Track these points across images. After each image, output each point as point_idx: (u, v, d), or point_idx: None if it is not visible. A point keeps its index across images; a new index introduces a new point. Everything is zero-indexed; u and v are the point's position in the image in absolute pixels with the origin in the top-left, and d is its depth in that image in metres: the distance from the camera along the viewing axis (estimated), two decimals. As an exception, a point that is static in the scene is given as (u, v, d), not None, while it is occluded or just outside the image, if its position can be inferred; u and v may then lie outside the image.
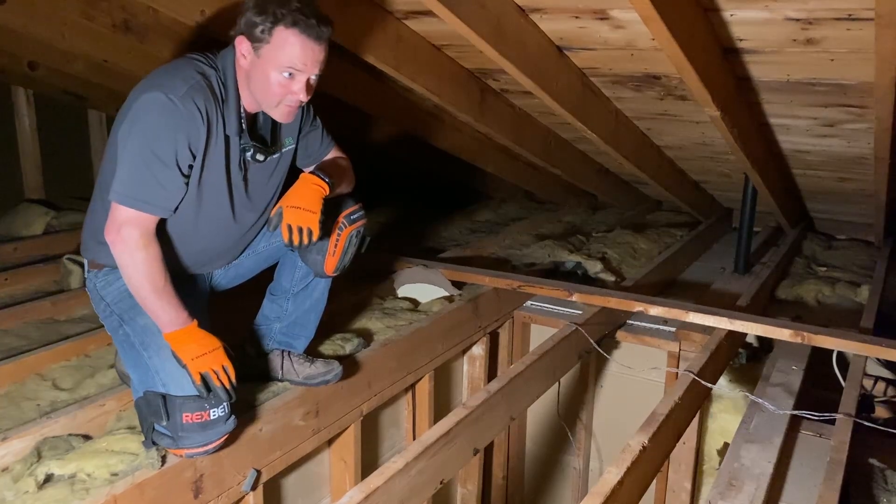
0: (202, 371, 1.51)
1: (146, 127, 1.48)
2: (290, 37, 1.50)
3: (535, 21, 2.12)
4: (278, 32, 1.50)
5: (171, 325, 1.53)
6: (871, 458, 1.85)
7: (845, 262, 3.52)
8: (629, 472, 1.56)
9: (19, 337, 2.27)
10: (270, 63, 1.52)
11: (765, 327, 2.25)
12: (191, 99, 1.49)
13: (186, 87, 1.49)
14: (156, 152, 1.48)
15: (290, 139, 1.77)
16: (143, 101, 1.49)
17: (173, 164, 1.51)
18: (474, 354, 2.84)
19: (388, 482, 1.52)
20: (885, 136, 2.31)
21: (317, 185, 1.65)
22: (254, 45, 1.52)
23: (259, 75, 1.54)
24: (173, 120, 1.48)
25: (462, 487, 2.95)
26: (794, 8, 1.74)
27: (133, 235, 1.50)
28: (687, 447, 2.58)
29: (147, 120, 1.48)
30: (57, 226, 3.55)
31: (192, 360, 1.51)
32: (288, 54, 1.51)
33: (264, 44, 1.51)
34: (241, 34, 1.53)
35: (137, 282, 1.52)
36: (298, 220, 1.61)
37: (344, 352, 2.09)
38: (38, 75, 3.43)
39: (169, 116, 1.47)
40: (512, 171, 4.06)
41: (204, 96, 1.52)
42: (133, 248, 1.50)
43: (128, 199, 1.49)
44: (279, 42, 1.50)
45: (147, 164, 1.49)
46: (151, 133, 1.48)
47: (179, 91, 1.48)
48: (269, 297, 1.94)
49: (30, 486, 1.45)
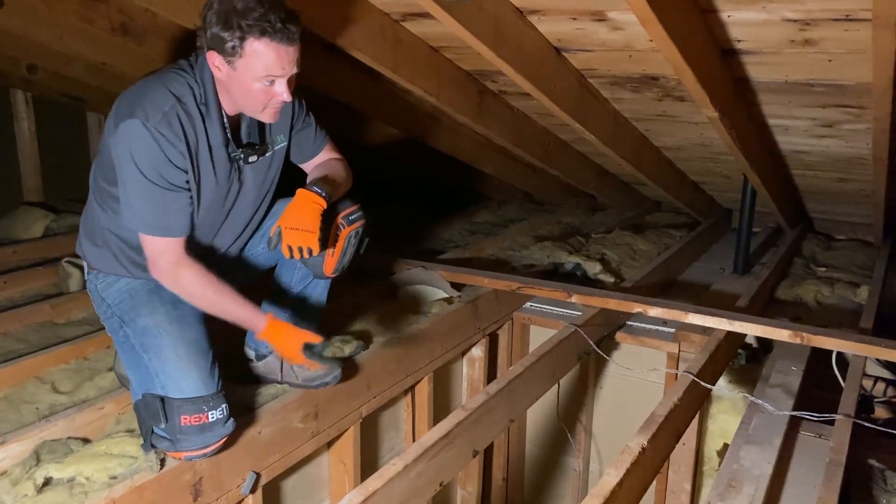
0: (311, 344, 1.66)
1: (138, 160, 1.48)
2: (261, 48, 1.46)
3: (533, 22, 2.12)
4: (249, 45, 1.46)
5: (257, 323, 1.64)
6: (871, 458, 1.84)
7: (844, 263, 3.52)
8: (628, 473, 1.55)
9: (18, 340, 2.27)
10: (248, 74, 1.50)
11: (764, 328, 2.25)
12: (166, 124, 1.49)
13: (160, 115, 1.49)
14: (153, 181, 1.50)
15: (281, 136, 1.76)
16: (124, 130, 1.48)
17: (171, 186, 1.52)
18: (474, 356, 2.84)
19: (387, 484, 1.52)
20: (884, 136, 2.30)
21: (314, 203, 1.64)
22: (226, 60, 1.49)
23: (238, 87, 1.53)
24: (156, 145, 1.48)
25: (462, 489, 2.95)
26: (791, 9, 1.74)
27: (170, 262, 1.58)
28: (687, 448, 2.58)
29: (136, 152, 1.48)
30: (56, 228, 3.54)
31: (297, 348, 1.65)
32: (263, 64, 1.48)
33: (237, 58, 1.48)
34: (211, 49, 1.49)
35: (202, 299, 1.61)
36: (298, 241, 1.62)
37: (343, 354, 2.08)
38: (36, 78, 3.43)
39: (151, 142, 1.48)
40: (511, 173, 4.06)
41: (179, 118, 1.51)
42: (176, 275, 1.58)
43: (153, 229, 1.55)
44: (252, 54, 1.47)
45: (153, 194, 1.51)
46: (145, 164, 1.49)
47: (154, 117, 1.48)
48: (268, 298, 1.94)
49: (28, 490, 1.45)
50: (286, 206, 1.66)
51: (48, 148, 3.96)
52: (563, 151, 3.52)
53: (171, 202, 1.54)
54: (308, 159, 1.87)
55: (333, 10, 1.62)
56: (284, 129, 1.76)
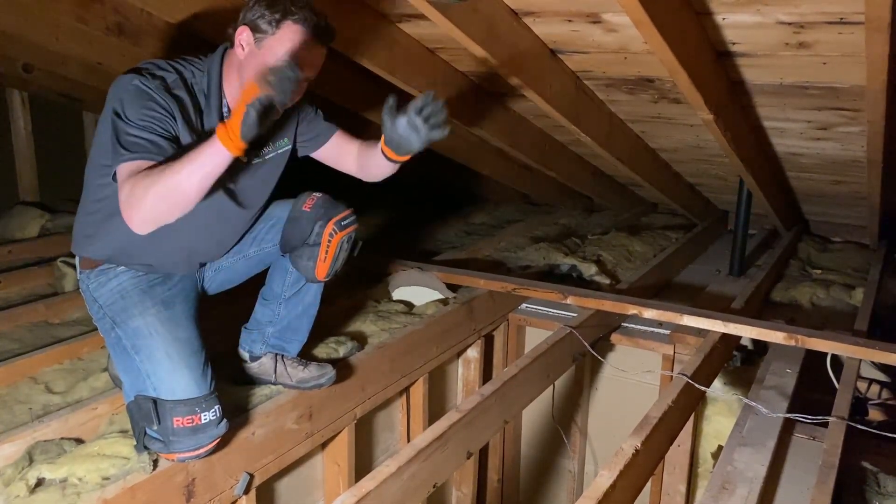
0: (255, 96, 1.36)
1: (122, 99, 1.48)
2: (296, 31, 1.52)
3: (528, 24, 2.12)
4: (286, 26, 1.51)
5: (218, 149, 1.39)
6: (864, 461, 1.85)
7: (840, 265, 3.53)
8: (622, 475, 1.56)
9: (12, 340, 2.27)
10: (270, 53, 1.52)
11: (759, 330, 2.26)
12: (162, 87, 1.50)
13: (158, 80, 1.51)
14: (134, 110, 1.46)
15: (286, 140, 1.76)
16: (116, 83, 1.50)
17: (153, 113, 1.47)
18: (469, 357, 2.84)
19: (380, 486, 1.52)
20: (878, 139, 2.31)
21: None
22: (256, 36, 1.52)
23: (255, 65, 1.53)
24: (147, 96, 1.48)
25: (457, 490, 2.95)
26: (785, 12, 1.75)
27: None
28: (681, 450, 2.58)
29: (120, 95, 1.48)
30: (51, 228, 3.54)
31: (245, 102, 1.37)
32: (290, 46, 1.52)
33: (268, 35, 1.52)
34: (244, 25, 1.53)
35: (173, 188, 1.39)
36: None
37: (338, 355, 2.08)
38: (32, 77, 3.43)
39: (143, 94, 1.48)
40: (507, 174, 4.06)
41: (176, 87, 1.53)
42: (141, 195, 1.39)
43: (124, 157, 1.43)
44: (285, 35, 1.52)
45: (128, 121, 1.45)
46: (128, 101, 1.47)
47: (152, 80, 1.50)
48: (261, 301, 1.94)
49: (21, 491, 1.44)
50: (278, 208, 1.66)
51: (44, 148, 3.96)
52: (559, 153, 3.52)
53: (150, 119, 1.46)
54: (318, 147, 1.86)
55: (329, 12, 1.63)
56: (289, 132, 1.76)
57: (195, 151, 1.40)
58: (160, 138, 1.46)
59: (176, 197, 1.40)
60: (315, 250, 1.74)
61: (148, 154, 1.44)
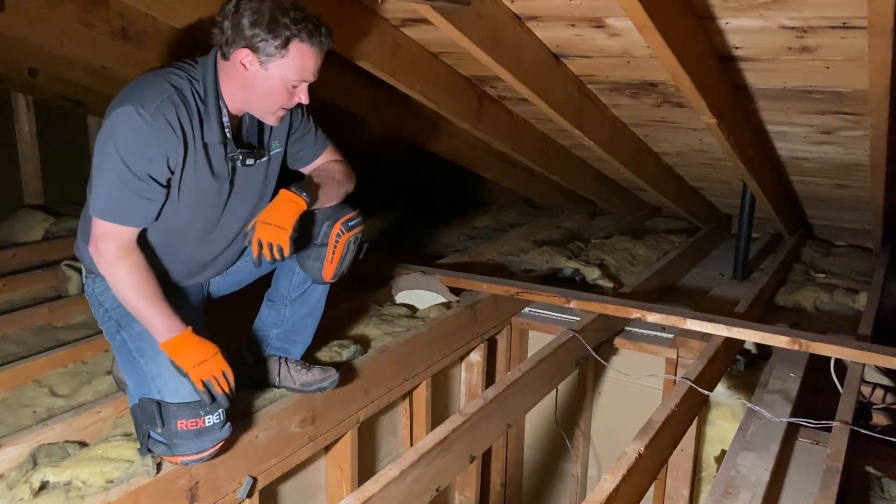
0: (204, 378, 1.51)
1: (119, 142, 1.47)
2: (305, 51, 1.52)
3: (532, 29, 2.13)
4: (295, 47, 1.50)
5: (165, 333, 1.53)
6: (868, 465, 1.84)
7: (843, 269, 3.52)
8: (625, 479, 1.55)
9: (17, 343, 2.27)
10: (280, 75, 1.52)
11: (762, 334, 2.25)
12: (161, 114, 1.47)
13: (157, 102, 1.48)
14: (129, 167, 1.47)
15: (276, 143, 1.76)
16: (114, 116, 1.47)
17: (147, 177, 1.50)
18: (472, 361, 2.84)
19: (383, 490, 1.52)
20: (881, 143, 2.31)
21: (292, 202, 1.64)
22: (260, 59, 1.51)
23: (263, 87, 1.53)
24: (144, 135, 1.47)
25: (460, 494, 2.94)
26: (788, 16, 1.75)
27: (110, 248, 1.51)
28: (685, 454, 2.57)
29: (119, 135, 1.47)
30: (56, 232, 3.55)
31: (192, 367, 1.51)
32: (301, 67, 1.52)
33: (276, 58, 1.50)
34: (245, 47, 1.50)
35: (123, 292, 1.54)
36: (269, 237, 1.60)
37: (341, 358, 2.09)
38: (37, 82, 3.45)
39: (140, 132, 1.46)
40: (510, 178, 4.06)
41: (176, 109, 1.50)
42: (112, 261, 1.52)
43: (105, 214, 1.50)
44: (296, 56, 1.51)
45: (121, 180, 1.48)
46: (125, 148, 1.47)
47: (150, 106, 1.47)
48: (266, 302, 1.95)
49: (25, 494, 1.45)
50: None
51: (49, 151, 3.97)
52: (563, 157, 3.52)
53: (142, 191, 1.50)
54: (309, 163, 1.86)
55: (332, 17, 1.63)
56: (281, 136, 1.76)
57: (151, 309, 1.53)
58: (142, 199, 1.51)
59: (122, 299, 1.57)
60: (322, 251, 1.74)
61: (124, 220, 1.52)
